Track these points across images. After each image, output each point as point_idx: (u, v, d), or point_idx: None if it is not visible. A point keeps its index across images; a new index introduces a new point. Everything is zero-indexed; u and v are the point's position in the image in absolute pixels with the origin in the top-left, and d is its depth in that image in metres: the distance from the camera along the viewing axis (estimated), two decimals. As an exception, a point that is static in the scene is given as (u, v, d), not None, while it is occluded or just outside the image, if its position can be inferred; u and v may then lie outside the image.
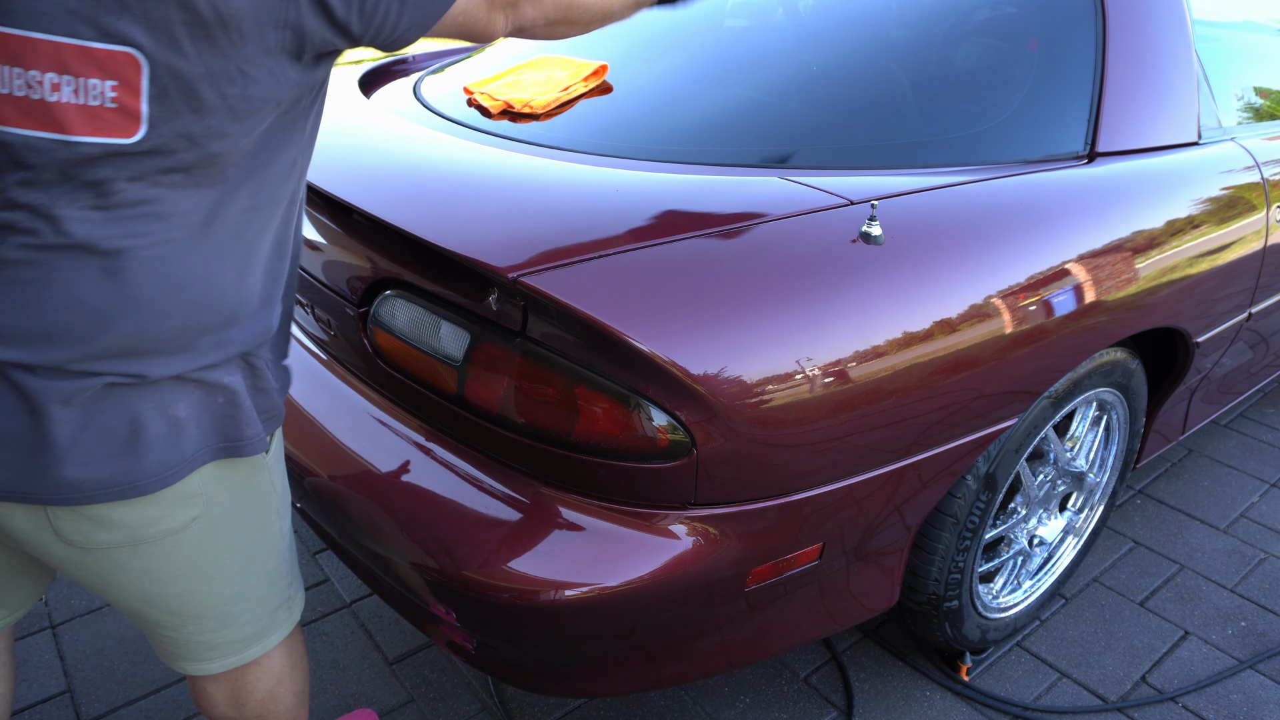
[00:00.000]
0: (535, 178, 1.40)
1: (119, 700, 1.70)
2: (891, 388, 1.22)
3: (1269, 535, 2.23)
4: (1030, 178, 1.46)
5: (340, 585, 1.98)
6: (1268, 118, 2.04)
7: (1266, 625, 1.94)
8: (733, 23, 1.95)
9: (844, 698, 1.73)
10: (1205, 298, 1.72)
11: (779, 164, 1.44)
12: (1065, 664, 1.83)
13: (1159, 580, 2.07)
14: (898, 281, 1.23)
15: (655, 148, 1.51)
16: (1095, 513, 1.92)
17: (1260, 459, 2.55)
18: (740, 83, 1.67)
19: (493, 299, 1.19)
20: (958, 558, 1.54)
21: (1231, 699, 1.76)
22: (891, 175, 1.41)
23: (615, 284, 1.12)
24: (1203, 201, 1.66)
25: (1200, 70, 1.77)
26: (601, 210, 1.28)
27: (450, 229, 1.22)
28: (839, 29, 1.70)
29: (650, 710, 1.69)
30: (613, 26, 2.04)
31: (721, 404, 1.11)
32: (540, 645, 1.23)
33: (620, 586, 1.15)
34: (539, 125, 1.65)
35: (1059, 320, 1.39)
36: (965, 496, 1.47)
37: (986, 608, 1.72)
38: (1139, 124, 1.63)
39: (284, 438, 1.43)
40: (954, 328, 1.26)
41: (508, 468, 1.26)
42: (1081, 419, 1.75)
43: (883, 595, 1.51)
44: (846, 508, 1.29)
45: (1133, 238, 1.50)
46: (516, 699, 1.71)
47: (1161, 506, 2.34)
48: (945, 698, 1.74)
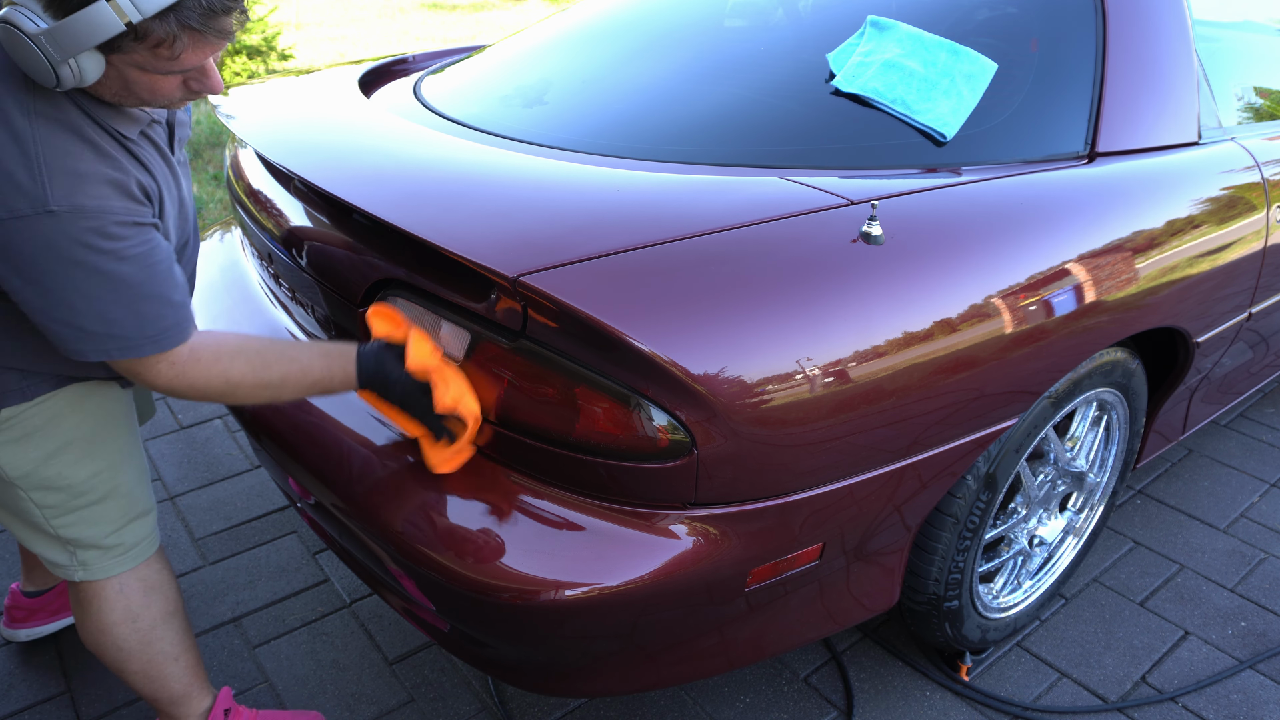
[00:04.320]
0: (535, 178, 1.40)
1: (119, 700, 1.70)
2: (891, 388, 1.22)
3: (1269, 535, 2.23)
4: (1030, 178, 1.46)
5: (340, 585, 1.98)
6: (1268, 118, 2.04)
7: (1266, 625, 1.94)
8: (732, 23, 1.95)
9: (844, 698, 1.73)
10: (1205, 297, 1.72)
11: (779, 164, 1.44)
12: (1065, 664, 1.83)
13: (1159, 580, 2.07)
14: (898, 281, 1.23)
15: (655, 148, 1.51)
16: (1095, 513, 1.92)
17: (1260, 459, 2.55)
18: (740, 83, 1.67)
19: (493, 299, 1.19)
20: (958, 558, 1.54)
21: (1231, 699, 1.76)
22: (891, 175, 1.41)
23: (615, 284, 1.12)
24: (1203, 201, 1.66)
25: (1200, 70, 1.77)
26: (601, 210, 1.28)
27: (450, 229, 1.22)
28: (839, 29, 1.70)
29: (650, 710, 1.69)
30: (613, 27, 2.04)
31: (721, 404, 1.11)
32: (540, 645, 1.23)
33: (620, 586, 1.15)
34: (539, 125, 1.65)
35: (1059, 320, 1.39)
36: (965, 496, 1.47)
37: (986, 608, 1.72)
38: (1139, 124, 1.63)
39: (283, 437, 1.43)
40: (954, 328, 1.26)
41: (508, 468, 1.26)
42: (1081, 419, 1.75)
43: (883, 595, 1.51)
44: (847, 508, 1.29)
45: (1133, 238, 1.50)
46: (516, 699, 1.71)
47: (1161, 506, 2.34)
48: (945, 698, 1.74)
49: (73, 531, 1.32)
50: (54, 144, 1.00)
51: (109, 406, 1.31)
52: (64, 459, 1.26)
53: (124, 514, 1.36)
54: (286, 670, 1.77)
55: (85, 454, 1.28)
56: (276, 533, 2.14)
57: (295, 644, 1.83)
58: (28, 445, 1.23)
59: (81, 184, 1.01)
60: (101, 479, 1.31)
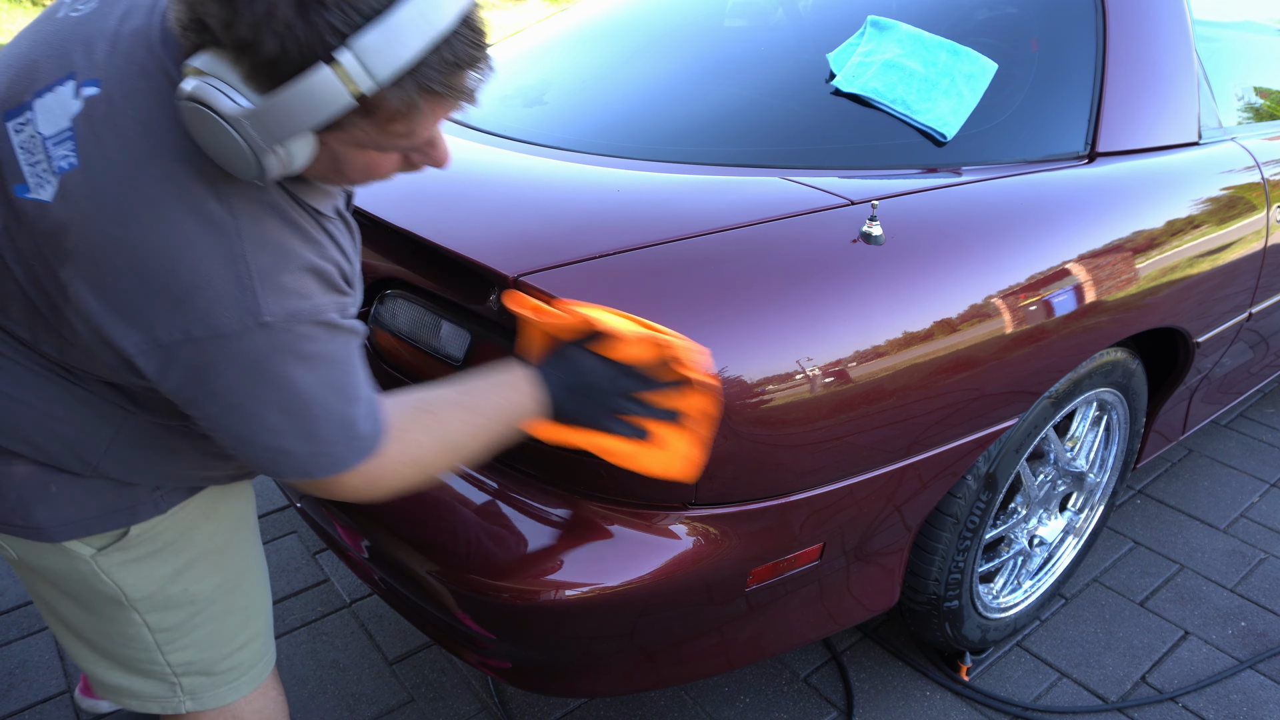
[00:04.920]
0: (535, 178, 1.40)
1: (119, 700, 1.70)
2: (892, 388, 1.22)
3: (1269, 535, 2.23)
4: (1030, 178, 1.46)
5: (340, 585, 1.98)
6: (1268, 118, 2.04)
7: (1266, 625, 1.94)
8: (733, 23, 1.95)
9: (844, 698, 1.73)
10: (1205, 298, 1.72)
11: (779, 164, 1.44)
12: (1065, 664, 1.83)
13: (1159, 580, 2.07)
14: (898, 281, 1.23)
15: (655, 148, 1.50)
16: (1095, 513, 1.92)
17: (1260, 459, 2.55)
18: (740, 83, 1.67)
19: (493, 299, 1.19)
20: (958, 558, 1.54)
21: (1231, 699, 1.76)
22: (891, 175, 1.41)
23: (615, 284, 1.12)
24: (1203, 201, 1.66)
25: (1200, 70, 1.76)
26: (601, 210, 1.28)
27: (450, 229, 1.22)
28: (839, 29, 1.69)
29: (650, 710, 1.69)
30: (613, 27, 2.04)
31: (721, 404, 1.11)
32: (540, 645, 1.23)
33: (620, 586, 1.15)
34: (539, 125, 1.65)
35: (1059, 320, 1.39)
36: (965, 496, 1.47)
37: (987, 608, 1.72)
38: (1139, 124, 1.63)
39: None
40: (954, 328, 1.26)
41: (508, 468, 1.26)
42: (1082, 419, 1.75)
43: (883, 595, 1.51)
44: (847, 508, 1.29)
45: (1133, 238, 1.50)
46: (516, 699, 1.71)
47: (1161, 506, 2.34)
48: (945, 698, 1.74)
49: (185, 655, 1.09)
50: (260, 236, 0.77)
51: (240, 508, 1.12)
52: (192, 573, 1.06)
53: (245, 629, 1.14)
54: (286, 670, 1.77)
55: (215, 565, 1.08)
56: (276, 533, 2.14)
57: (295, 644, 1.83)
58: (156, 562, 1.02)
59: (296, 284, 0.79)
60: (227, 590, 1.10)
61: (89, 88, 0.76)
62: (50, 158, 0.77)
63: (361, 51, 0.66)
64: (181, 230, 0.74)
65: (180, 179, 0.75)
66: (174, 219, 0.74)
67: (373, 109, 0.71)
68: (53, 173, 0.76)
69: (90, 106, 0.75)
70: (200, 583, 1.06)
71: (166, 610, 1.05)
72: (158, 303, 0.75)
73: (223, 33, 0.66)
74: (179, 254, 0.74)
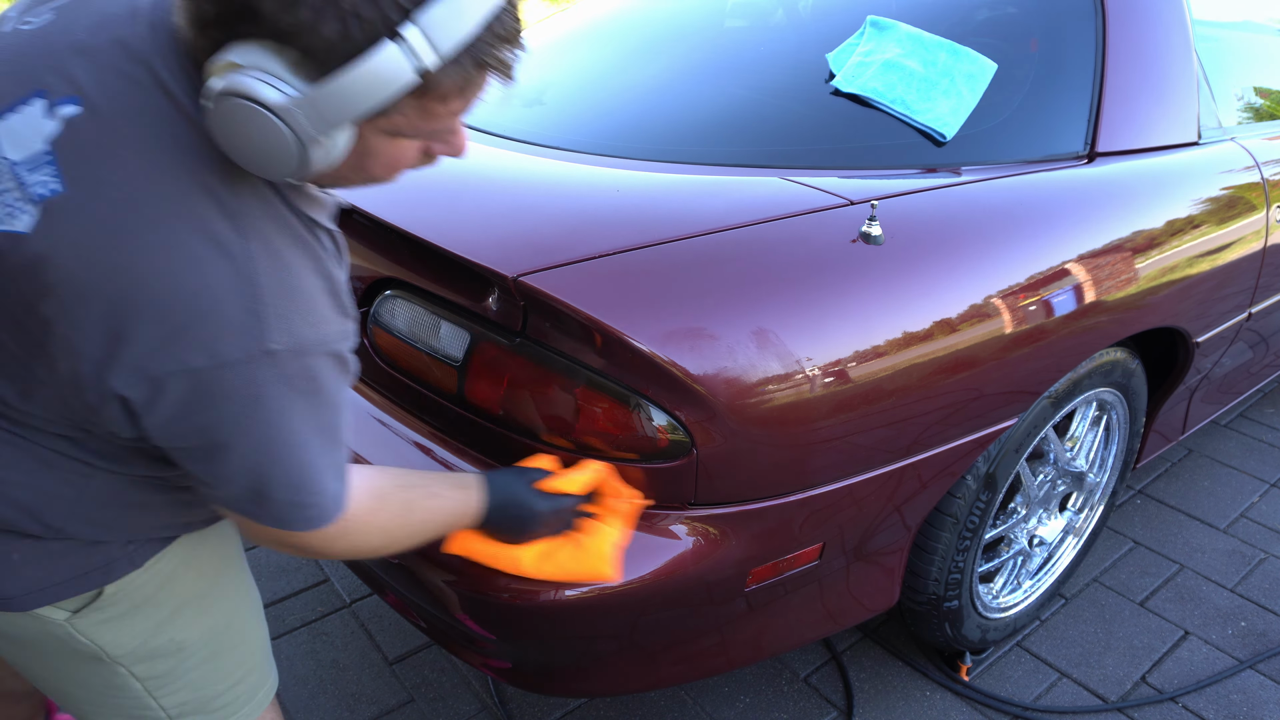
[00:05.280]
0: (535, 178, 1.40)
1: (119, 700, 1.70)
2: (891, 388, 1.22)
3: (1269, 535, 2.23)
4: (1030, 178, 1.46)
5: (340, 585, 1.98)
6: (1268, 118, 2.04)
7: (1266, 625, 1.94)
8: (733, 23, 1.95)
9: (844, 698, 1.73)
10: (1205, 298, 1.72)
11: (779, 164, 1.44)
12: (1065, 664, 1.83)
13: (1159, 580, 2.07)
14: (898, 281, 1.23)
15: (655, 148, 1.51)
16: (1095, 513, 1.92)
17: (1260, 459, 2.55)
18: (740, 83, 1.67)
19: (493, 299, 1.19)
20: (958, 558, 1.54)
21: (1231, 699, 1.76)
22: (891, 175, 1.41)
23: (615, 284, 1.12)
24: (1203, 201, 1.66)
25: (1200, 70, 1.77)
26: (601, 210, 1.28)
27: (450, 229, 1.22)
28: (839, 29, 1.69)
29: (650, 710, 1.69)
30: (613, 27, 2.04)
31: (721, 404, 1.11)
32: (540, 645, 1.23)
33: (620, 586, 1.15)
34: (539, 125, 1.65)
35: (1059, 320, 1.39)
36: (965, 496, 1.47)
37: (986, 608, 1.72)
38: (1139, 124, 1.63)
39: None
40: (954, 328, 1.26)
41: (508, 468, 1.26)
42: (1081, 419, 1.75)
43: (883, 595, 1.51)
44: (846, 508, 1.29)
45: (1133, 238, 1.50)
46: (516, 699, 1.71)
47: (1161, 506, 2.34)
48: (945, 698, 1.74)
49: (179, 697, 1.02)
50: (270, 256, 0.72)
51: (222, 549, 1.04)
52: (178, 622, 0.99)
53: (241, 665, 1.07)
54: (286, 670, 1.77)
55: (200, 610, 1.01)
56: (276, 533, 2.14)
57: (295, 644, 1.83)
58: (137, 617, 0.95)
59: (306, 309, 0.74)
60: (217, 631, 1.04)
61: (66, 106, 0.70)
62: (23, 184, 0.70)
63: (427, 26, 0.64)
64: (186, 252, 0.69)
65: (184, 198, 0.70)
66: (178, 241, 0.69)
67: (428, 88, 0.68)
68: (28, 201, 0.70)
69: (72, 127, 0.70)
70: (187, 630, 1.00)
71: (154, 660, 0.98)
72: (154, 331, 0.70)
73: (275, 19, 0.62)
74: (182, 278, 0.69)
